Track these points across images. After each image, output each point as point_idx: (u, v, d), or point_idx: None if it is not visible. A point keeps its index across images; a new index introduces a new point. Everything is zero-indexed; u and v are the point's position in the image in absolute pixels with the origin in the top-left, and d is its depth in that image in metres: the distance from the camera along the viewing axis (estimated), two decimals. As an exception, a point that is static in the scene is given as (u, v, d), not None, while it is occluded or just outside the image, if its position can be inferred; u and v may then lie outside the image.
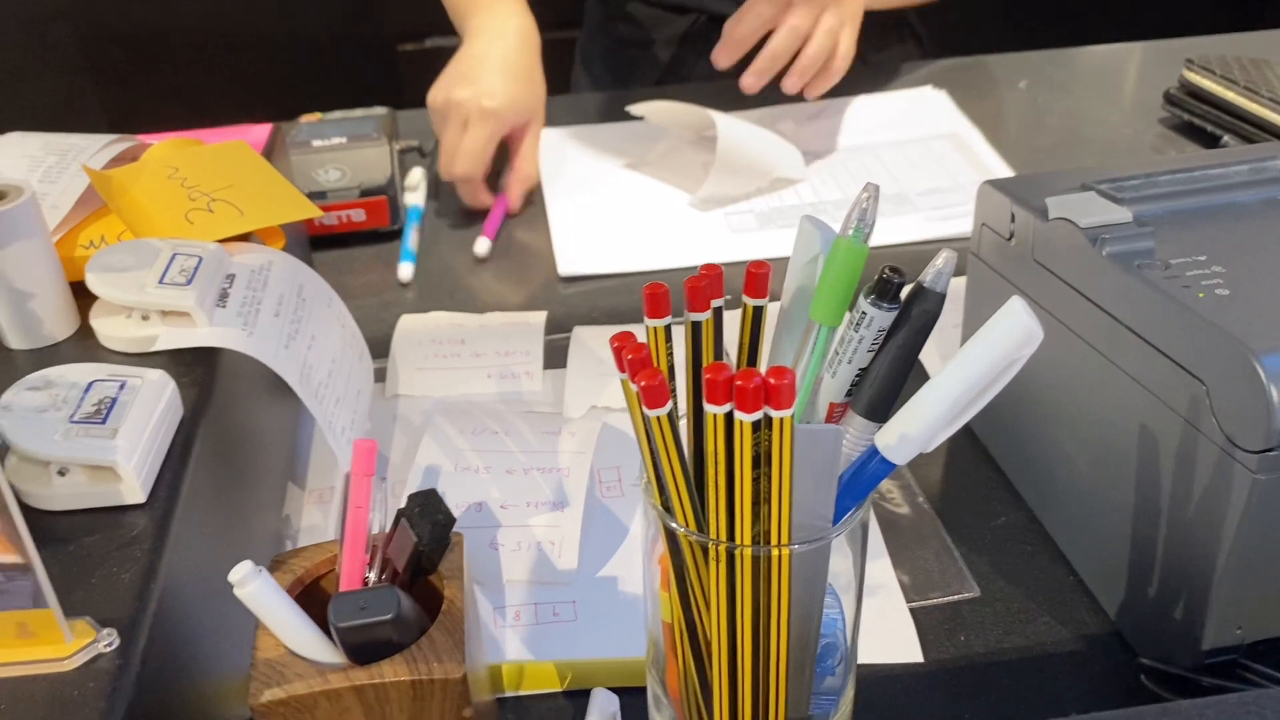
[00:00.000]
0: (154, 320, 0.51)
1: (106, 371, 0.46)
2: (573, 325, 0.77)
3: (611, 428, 0.67)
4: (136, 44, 1.90)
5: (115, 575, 0.41)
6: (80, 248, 0.57)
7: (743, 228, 0.88)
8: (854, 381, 0.39)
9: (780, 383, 0.33)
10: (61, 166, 0.61)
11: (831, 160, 0.97)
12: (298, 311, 0.56)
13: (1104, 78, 1.12)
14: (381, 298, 0.82)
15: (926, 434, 0.36)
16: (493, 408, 0.68)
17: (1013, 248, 0.58)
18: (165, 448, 0.46)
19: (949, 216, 0.88)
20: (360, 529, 0.44)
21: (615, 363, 0.37)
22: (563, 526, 0.59)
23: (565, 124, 1.05)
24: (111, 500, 0.43)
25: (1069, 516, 0.58)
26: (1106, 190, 0.56)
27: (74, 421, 0.44)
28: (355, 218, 0.85)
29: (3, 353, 0.53)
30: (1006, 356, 0.34)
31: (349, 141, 0.87)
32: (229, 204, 0.58)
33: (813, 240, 0.40)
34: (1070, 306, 0.53)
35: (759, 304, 0.41)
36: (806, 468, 0.36)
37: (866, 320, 0.38)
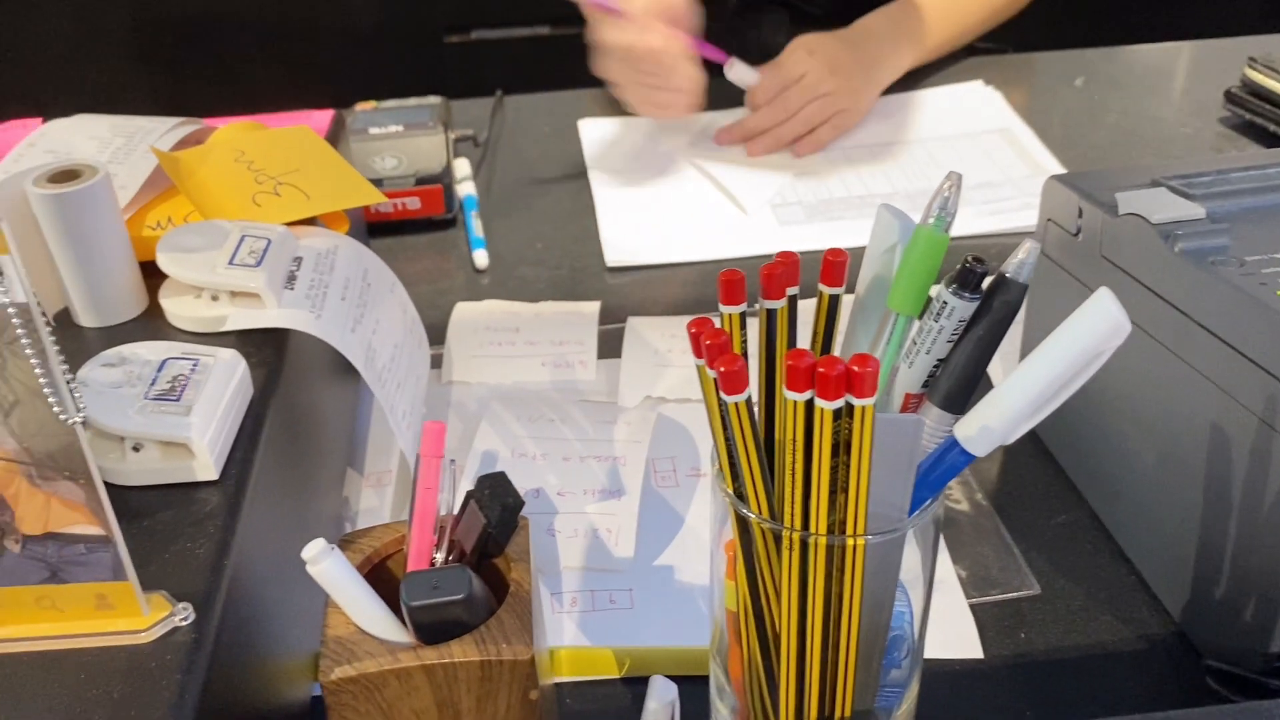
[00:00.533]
0: (223, 301, 0.52)
1: (180, 350, 0.47)
2: (625, 315, 0.77)
3: (666, 418, 0.67)
4: (186, 30, 1.92)
5: (189, 550, 0.41)
6: (148, 228, 0.58)
7: (791, 220, 0.88)
8: (931, 372, 0.39)
9: (864, 370, 0.33)
10: (129, 148, 0.62)
11: (881, 154, 0.96)
12: (362, 296, 0.56)
13: (1159, 76, 1.11)
14: (436, 285, 0.82)
15: (1008, 426, 0.35)
16: (548, 396, 0.69)
17: (1080, 244, 0.57)
18: (236, 426, 0.46)
19: (999, 211, 0.87)
20: (429, 510, 0.44)
21: (692, 348, 0.37)
22: (619, 514, 0.59)
23: (606, 115, 1.05)
24: (184, 477, 0.44)
25: (1132, 515, 0.57)
26: (1178, 186, 0.55)
27: (149, 398, 0.44)
28: (410, 205, 0.85)
29: (73, 329, 0.53)
30: (1093, 349, 0.34)
31: (405, 130, 0.87)
32: (295, 188, 0.59)
33: (891, 229, 0.40)
34: (1140, 303, 0.53)
35: (835, 293, 0.40)
36: (885, 457, 0.36)
37: (947, 310, 0.37)
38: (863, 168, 0.94)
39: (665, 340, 0.73)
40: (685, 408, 0.68)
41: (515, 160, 0.99)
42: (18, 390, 0.33)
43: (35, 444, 0.34)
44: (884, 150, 0.97)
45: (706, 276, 0.82)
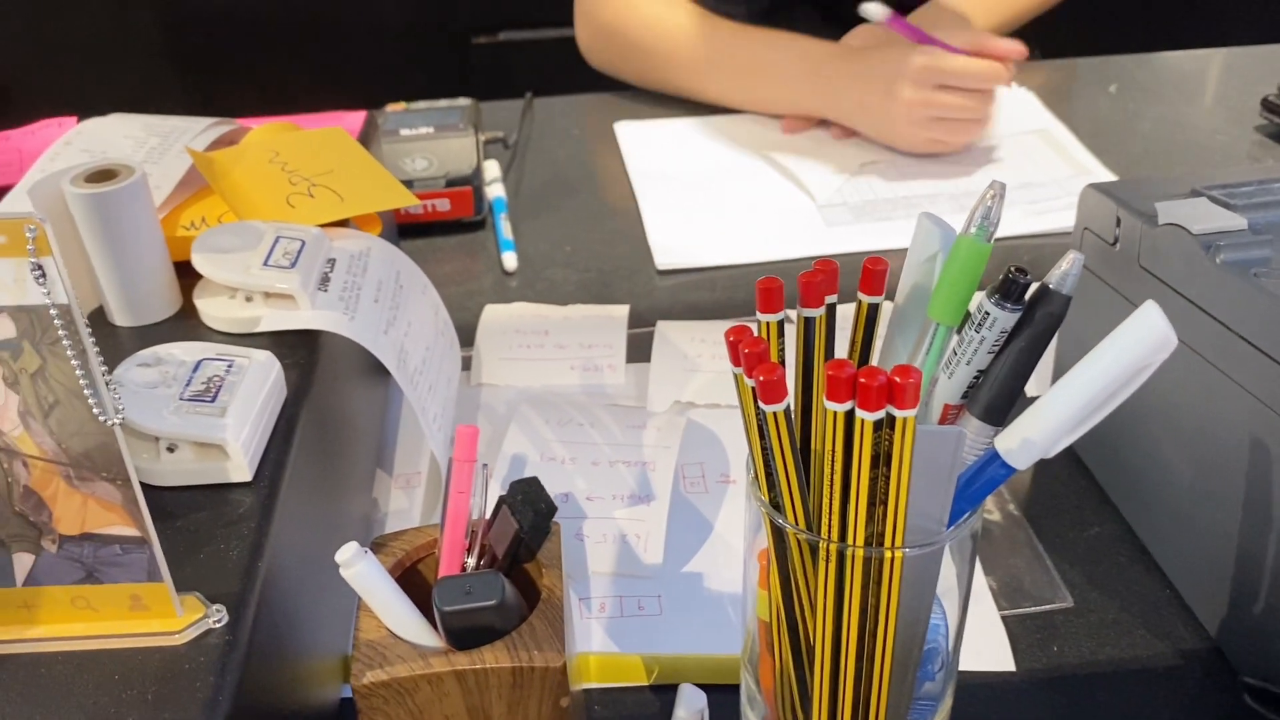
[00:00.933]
0: (257, 301, 0.52)
1: (215, 351, 0.47)
2: (655, 319, 0.76)
3: (695, 423, 0.67)
4: (216, 29, 1.93)
5: (223, 552, 0.41)
6: (182, 228, 0.58)
7: (837, 220, 0.87)
8: (971, 383, 0.39)
9: (905, 381, 0.33)
10: (164, 148, 0.62)
11: (922, 154, 0.96)
12: (395, 298, 0.56)
13: (1193, 83, 1.10)
14: (465, 286, 0.82)
15: (1050, 439, 0.35)
16: (577, 399, 0.68)
17: (1117, 253, 0.57)
18: (270, 428, 0.46)
19: (1043, 211, 0.87)
20: (461, 514, 0.44)
21: (730, 356, 0.37)
22: (648, 520, 0.59)
23: (641, 118, 1.05)
24: (218, 478, 0.44)
25: (1168, 529, 0.56)
26: (1218, 196, 0.54)
27: (184, 399, 0.44)
28: (440, 207, 0.86)
29: (107, 329, 0.54)
30: (1138, 362, 0.33)
31: (436, 131, 0.87)
32: (329, 189, 0.59)
33: (932, 238, 0.40)
34: (1179, 314, 0.52)
35: (874, 301, 0.40)
36: (925, 470, 0.35)
37: (989, 321, 0.37)
38: (906, 169, 0.94)
39: (694, 345, 0.73)
40: (714, 413, 0.68)
41: (544, 162, 0.99)
42: (57, 391, 0.33)
43: (73, 444, 0.34)
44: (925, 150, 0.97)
45: (741, 280, 0.82)
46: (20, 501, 0.35)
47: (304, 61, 1.97)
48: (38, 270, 0.31)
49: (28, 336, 0.32)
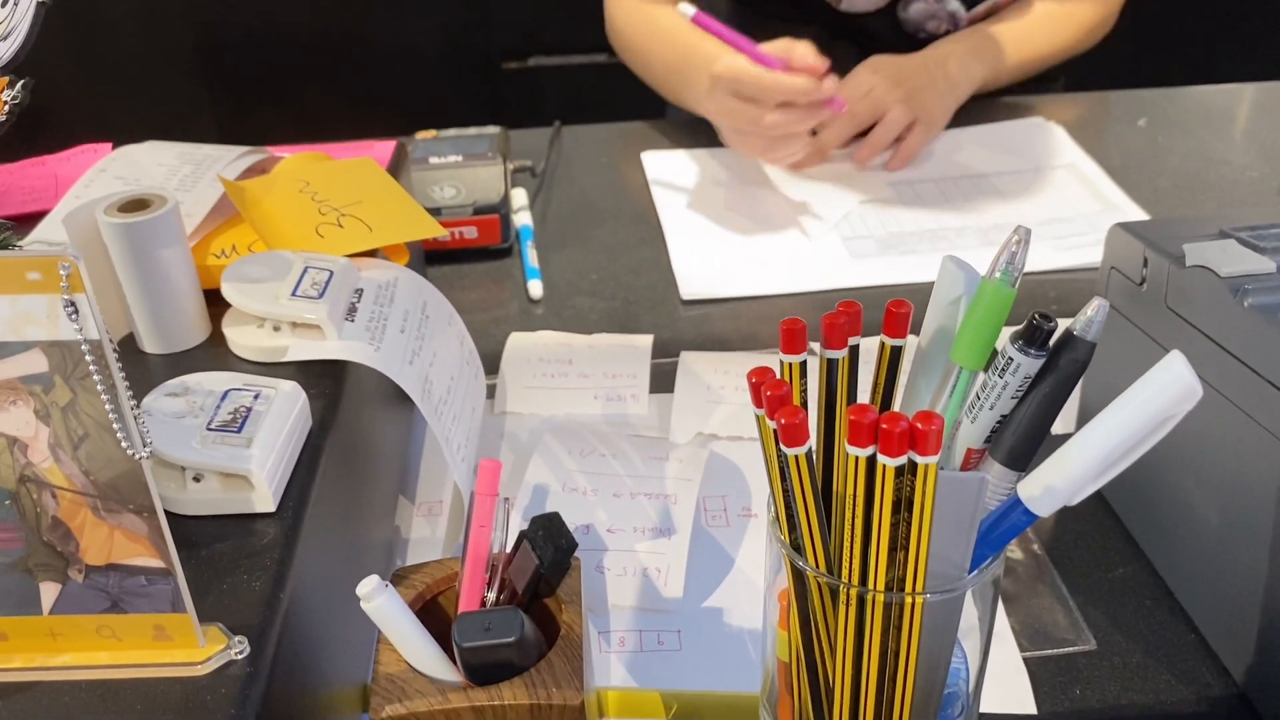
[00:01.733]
0: (285, 331, 0.53)
1: (242, 381, 0.47)
2: (679, 350, 0.77)
3: (718, 456, 0.67)
4: (249, 52, 1.95)
5: (245, 583, 0.41)
6: (212, 256, 0.59)
7: (863, 253, 0.87)
8: (994, 427, 0.38)
9: (928, 428, 0.33)
10: (196, 176, 0.63)
11: (946, 187, 0.96)
12: (421, 328, 0.57)
13: (1223, 118, 1.09)
14: (490, 314, 0.83)
15: (1073, 487, 0.35)
16: (599, 429, 0.69)
17: (1144, 293, 0.57)
18: (295, 458, 0.47)
19: (1073, 246, 0.86)
20: (482, 548, 0.44)
21: (752, 398, 0.37)
22: (669, 554, 0.59)
23: (668, 147, 1.06)
24: (243, 508, 0.44)
25: (1194, 572, 0.56)
26: (1246, 238, 0.54)
27: (210, 429, 0.45)
28: (468, 235, 0.86)
29: (137, 355, 0.54)
30: (1163, 413, 0.33)
31: (465, 160, 0.88)
32: (358, 220, 0.59)
33: (956, 281, 0.40)
34: (1206, 356, 0.52)
35: (898, 344, 0.40)
36: (947, 515, 0.35)
37: (1013, 366, 0.37)
38: (931, 201, 0.94)
39: (718, 376, 0.73)
40: (737, 445, 0.68)
41: (572, 190, 1.00)
42: (87, 424, 0.34)
43: (101, 476, 0.35)
44: (951, 185, 0.97)
45: (766, 312, 0.82)
46: (48, 531, 0.36)
47: (336, 85, 1.99)
48: (70, 307, 0.31)
49: (59, 370, 0.33)
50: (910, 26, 1.06)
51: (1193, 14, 2.02)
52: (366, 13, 1.93)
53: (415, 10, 1.93)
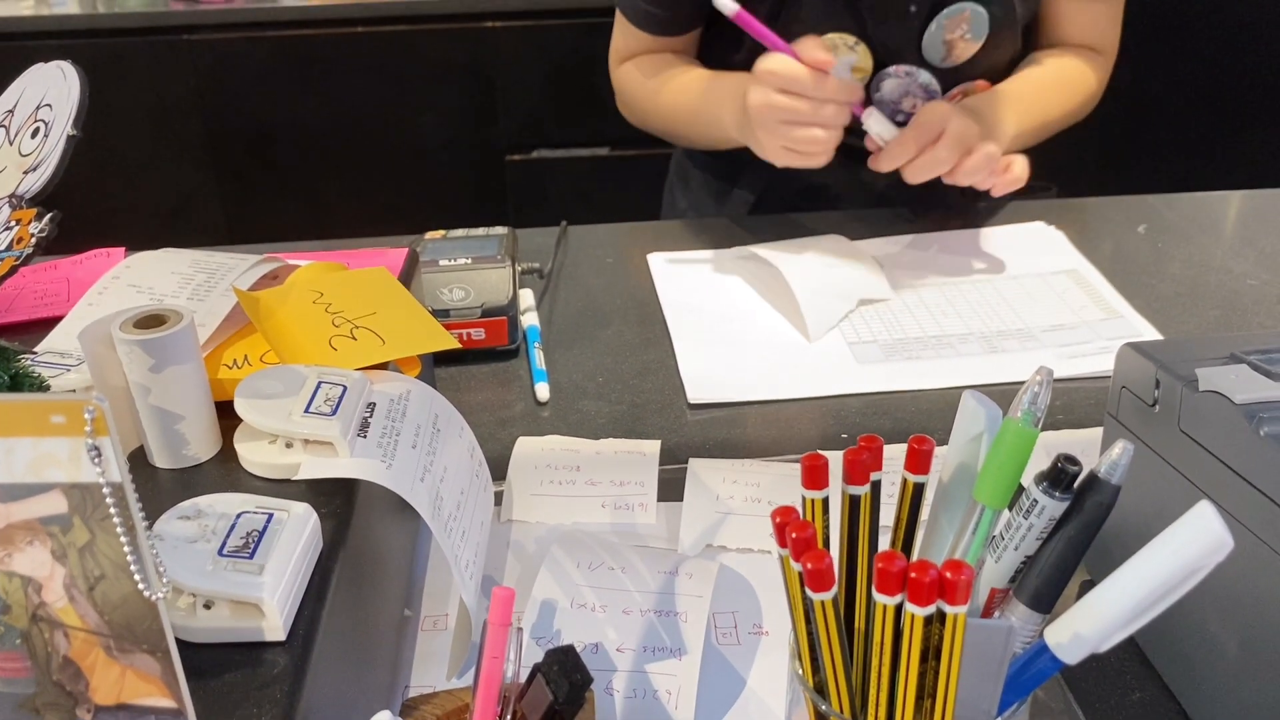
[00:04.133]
0: (297, 448, 0.52)
1: (255, 503, 0.47)
2: (686, 455, 0.76)
3: (728, 569, 0.66)
4: (257, 148, 1.98)
5: (255, 716, 0.41)
6: (224, 366, 0.59)
7: (868, 359, 0.88)
8: (1018, 568, 0.38)
9: (958, 578, 0.32)
10: (210, 285, 0.63)
11: (950, 292, 0.96)
12: (432, 442, 0.56)
13: (1221, 224, 1.11)
14: (497, 415, 0.82)
15: (1101, 635, 0.34)
16: (608, 540, 0.68)
17: (1157, 415, 0.57)
18: (305, 583, 0.46)
19: (1077, 355, 0.87)
20: (494, 679, 0.43)
21: (776, 538, 0.37)
22: (679, 675, 0.58)
23: (674, 248, 1.07)
24: (253, 636, 0.43)
25: (1212, 700, 0.55)
26: (1258, 363, 0.54)
27: (222, 554, 0.44)
28: (476, 336, 0.86)
29: (147, 470, 0.54)
30: (1192, 565, 0.33)
31: (474, 262, 0.88)
32: (371, 332, 0.59)
33: (977, 418, 0.40)
34: (1221, 482, 0.52)
35: (920, 480, 0.40)
36: (974, 663, 0.35)
37: (1037, 509, 0.37)
38: (934, 306, 0.94)
39: (727, 485, 0.73)
40: (747, 558, 0.67)
41: (578, 291, 1.01)
42: (104, 565, 0.33)
43: (116, 617, 0.34)
44: (953, 288, 0.97)
45: (773, 417, 0.82)
46: (59, 671, 0.35)
47: (344, 178, 2.02)
48: (94, 451, 0.31)
49: (78, 511, 0.33)
50: (886, 108, 1.05)
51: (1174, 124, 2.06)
52: (373, 106, 1.97)
53: (421, 104, 1.97)
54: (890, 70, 1.03)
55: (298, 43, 1.91)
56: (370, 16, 1.88)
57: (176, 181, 1.99)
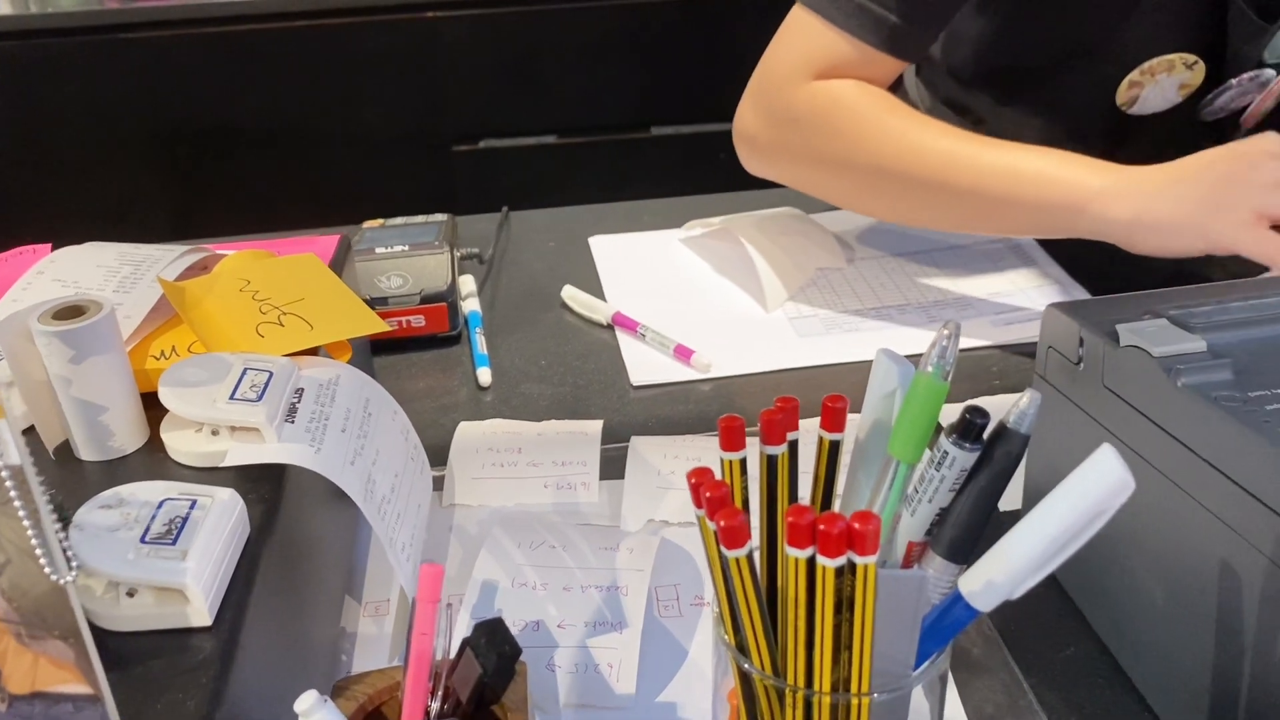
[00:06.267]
0: (223, 435, 0.52)
1: (178, 490, 0.47)
2: (629, 434, 0.76)
3: (669, 543, 0.66)
4: (200, 144, 1.96)
5: (180, 702, 0.40)
6: (151, 358, 0.58)
7: (809, 332, 0.88)
8: (934, 520, 0.39)
9: (865, 528, 0.33)
10: (136, 277, 0.63)
11: (889, 265, 0.97)
12: (363, 426, 0.56)
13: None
14: (439, 401, 0.82)
15: (1013, 581, 0.35)
16: (549, 520, 0.68)
17: (1081, 373, 0.57)
18: (232, 568, 0.46)
19: (1013, 322, 0.88)
20: (424, 657, 0.43)
21: (692, 499, 0.37)
22: (620, 649, 0.58)
23: (615, 231, 1.07)
24: (178, 622, 0.43)
25: (1144, 652, 0.56)
26: (1178, 317, 0.55)
27: (145, 541, 0.44)
28: (415, 323, 0.86)
29: (74, 464, 0.53)
30: (1097, 506, 0.33)
31: (411, 249, 0.88)
32: (299, 318, 0.59)
33: (890, 375, 0.40)
34: (1144, 435, 0.52)
35: (836, 439, 0.40)
36: (889, 614, 0.35)
37: (948, 460, 0.37)
38: (873, 278, 0.95)
39: (668, 461, 0.73)
40: (688, 531, 0.67)
41: (520, 276, 1.00)
42: (9, 550, 0.33)
43: (25, 603, 0.34)
44: (892, 261, 0.98)
45: (715, 393, 0.82)
46: (-31, 661, 0.35)
47: (290, 173, 2.00)
48: (-10, 433, 0.31)
49: (-20, 496, 0.32)
50: (1208, 117, 0.97)
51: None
52: (317, 100, 1.95)
53: (365, 96, 1.95)
54: (1232, 82, 0.94)
55: (238, 38, 1.88)
56: (311, 10, 1.86)
57: (119, 182, 1.96)
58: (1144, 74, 0.91)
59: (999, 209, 0.81)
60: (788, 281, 0.93)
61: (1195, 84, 0.95)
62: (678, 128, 2.05)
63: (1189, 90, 0.96)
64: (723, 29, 1.88)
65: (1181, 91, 0.96)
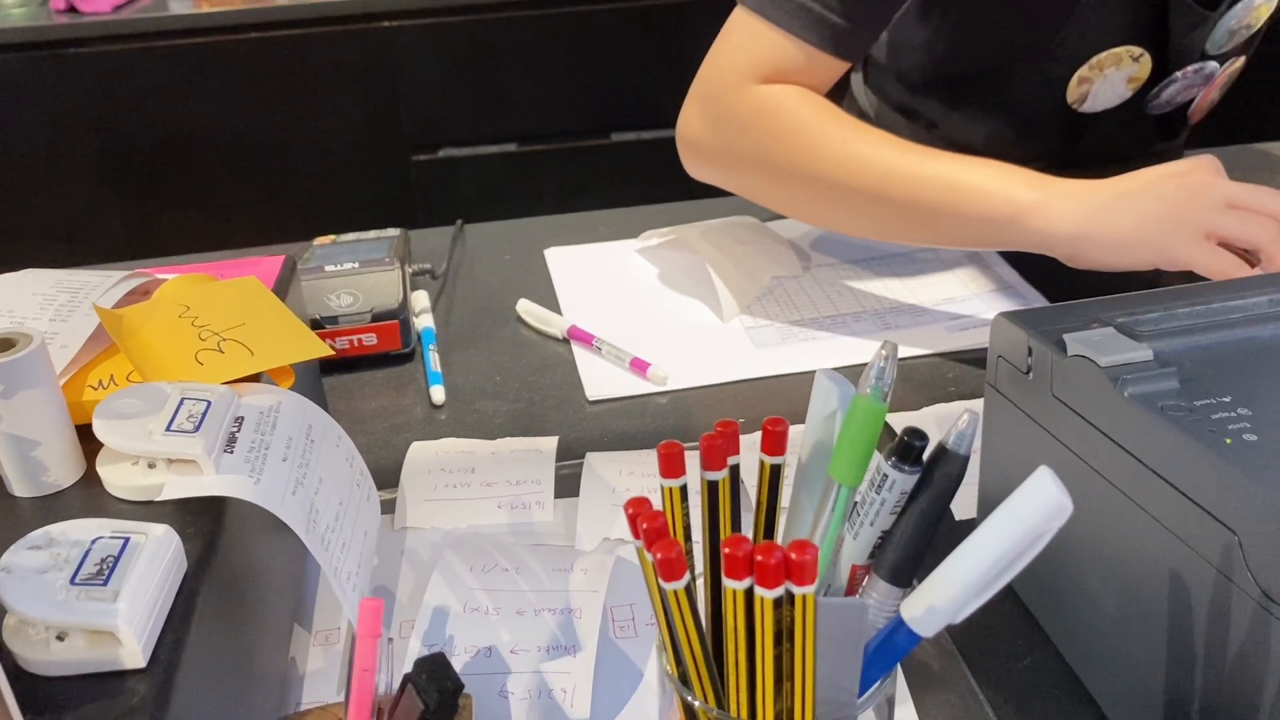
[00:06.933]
0: (160, 468, 0.51)
1: (110, 528, 0.45)
2: (584, 450, 0.76)
3: (624, 561, 0.65)
4: (156, 158, 1.93)
5: (113, 748, 0.39)
6: (89, 388, 0.57)
7: (766, 342, 0.88)
8: (876, 543, 0.38)
9: (802, 558, 0.32)
10: (73, 304, 0.61)
11: (845, 272, 0.97)
12: (306, 454, 0.55)
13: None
14: (392, 421, 0.81)
15: (954, 606, 0.34)
16: (503, 541, 0.67)
17: (1031, 382, 0.57)
18: (168, 607, 0.45)
19: (967, 327, 0.88)
20: (366, 693, 0.42)
21: (630, 530, 0.36)
22: (574, 673, 0.57)
23: (571, 242, 1.06)
24: (111, 665, 0.42)
25: (1099, 661, 0.56)
26: (1125, 324, 0.55)
27: (74, 583, 0.42)
28: (367, 342, 0.85)
29: (8, 501, 0.52)
30: (1035, 530, 0.33)
31: (361, 266, 0.87)
32: (240, 344, 0.58)
33: (830, 396, 0.40)
34: (1093, 445, 0.52)
35: (776, 462, 0.40)
36: (830, 642, 0.34)
37: (888, 483, 0.37)
38: (829, 285, 0.95)
39: (624, 478, 0.72)
40: (644, 550, 0.67)
41: (475, 290, 0.99)
42: (-80, 604, 0.32)
43: (-61, 657, 0.33)
44: (847, 268, 0.98)
45: (672, 407, 0.82)
46: (-117, 718, 0.34)
47: (248, 185, 1.98)
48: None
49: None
50: (1155, 110, 0.99)
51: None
52: (272, 112, 1.93)
53: (321, 108, 1.94)
54: (1177, 75, 0.96)
55: (190, 51, 1.86)
56: (262, 21, 1.85)
57: (72, 201, 1.94)
58: (1092, 69, 0.92)
59: (938, 221, 0.80)
60: (744, 291, 0.92)
61: (1143, 77, 0.96)
62: (639, 133, 2.05)
63: (1137, 84, 0.96)
64: (680, 34, 1.88)
65: (1130, 85, 0.96)
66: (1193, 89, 0.99)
